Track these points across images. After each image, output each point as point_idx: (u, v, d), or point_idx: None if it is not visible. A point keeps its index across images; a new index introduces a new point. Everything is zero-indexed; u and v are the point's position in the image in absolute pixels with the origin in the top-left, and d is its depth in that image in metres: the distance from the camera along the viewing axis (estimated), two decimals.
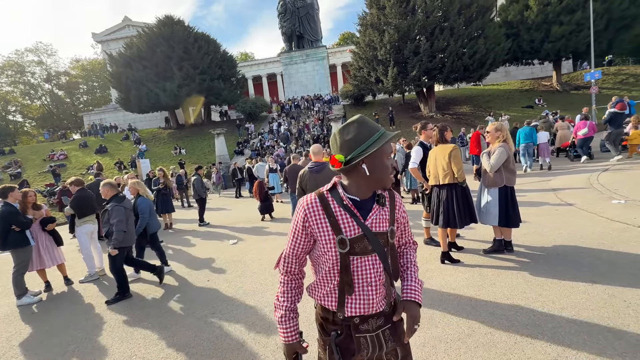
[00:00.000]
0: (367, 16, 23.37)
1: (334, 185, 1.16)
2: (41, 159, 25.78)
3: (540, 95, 25.08)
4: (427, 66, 20.94)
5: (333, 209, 1.09)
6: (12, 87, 49.84)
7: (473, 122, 20.07)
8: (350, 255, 1.08)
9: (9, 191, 4.43)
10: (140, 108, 28.58)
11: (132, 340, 2.99)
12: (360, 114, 1.13)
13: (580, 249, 3.69)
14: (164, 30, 27.45)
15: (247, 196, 13.82)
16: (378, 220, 1.11)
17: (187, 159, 23.40)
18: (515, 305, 2.71)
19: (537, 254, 3.72)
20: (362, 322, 1.12)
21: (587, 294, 2.74)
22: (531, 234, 4.38)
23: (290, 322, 1.17)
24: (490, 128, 3.87)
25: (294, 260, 1.18)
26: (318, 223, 1.09)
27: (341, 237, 1.07)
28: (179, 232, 7.97)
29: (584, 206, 5.33)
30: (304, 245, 1.15)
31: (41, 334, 3.38)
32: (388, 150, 1.13)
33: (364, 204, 1.12)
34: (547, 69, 29.60)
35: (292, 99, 33.52)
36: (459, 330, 2.48)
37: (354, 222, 1.08)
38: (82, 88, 55.45)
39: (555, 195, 6.38)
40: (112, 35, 39.84)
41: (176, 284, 4.35)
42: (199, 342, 2.82)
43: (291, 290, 1.20)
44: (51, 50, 52.86)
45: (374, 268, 1.10)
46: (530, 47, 24.04)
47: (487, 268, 3.52)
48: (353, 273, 1.09)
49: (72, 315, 3.78)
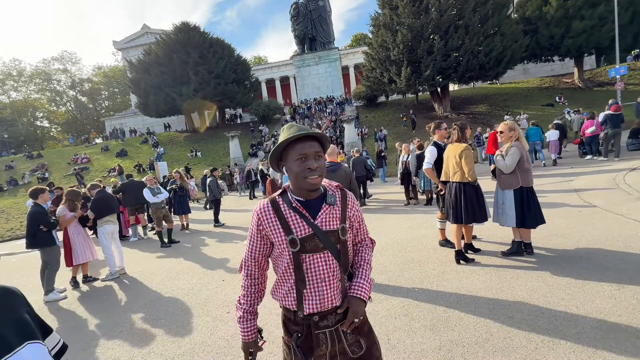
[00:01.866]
0: (379, 17, 23.26)
1: (284, 189, 1.22)
2: (66, 163, 26.96)
3: (561, 93, 24.20)
4: (442, 65, 20.61)
5: (284, 212, 1.15)
6: (39, 95, 52.47)
7: (490, 122, 19.57)
8: (302, 253, 1.13)
9: (40, 193, 4.68)
10: (158, 112, 29.45)
11: (150, 338, 3.07)
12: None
13: (605, 252, 3.52)
14: (181, 36, 28.25)
15: (261, 197, 13.97)
16: (327, 218, 1.16)
17: (203, 161, 23.92)
18: (535, 309, 2.62)
19: (558, 257, 3.58)
20: (322, 319, 1.16)
21: (613, 299, 2.61)
22: (552, 236, 4.21)
23: (248, 323, 1.25)
24: (503, 127, 3.74)
25: (252, 264, 1.24)
26: (270, 226, 1.16)
27: (292, 237, 1.12)
28: (195, 233, 8.14)
29: (610, 207, 5.09)
30: (260, 249, 1.21)
31: (65, 330, 3.53)
32: (300, 152, 1.10)
33: (313, 203, 1.17)
34: (568, 65, 28.47)
35: (304, 102, 33.69)
36: (476, 334, 2.41)
37: (303, 222, 1.13)
38: (103, 94, 57.77)
39: (578, 196, 6.13)
40: (131, 42, 41.32)
41: (192, 282, 4.44)
42: (215, 340, 2.87)
43: (251, 294, 1.26)
44: (75, 59, 55.35)
45: (326, 265, 1.15)
46: (549, 44, 23.25)
47: (506, 270, 3.42)
48: (306, 270, 1.14)
49: (95, 312, 3.92)
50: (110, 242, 5.30)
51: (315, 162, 1.11)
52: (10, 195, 20.71)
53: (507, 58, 20.94)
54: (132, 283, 4.87)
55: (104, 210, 5.29)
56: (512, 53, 21.06)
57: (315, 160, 1.11)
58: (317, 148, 1.13)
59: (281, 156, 1.18)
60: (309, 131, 1.13)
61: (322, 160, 1.15)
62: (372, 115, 27.50)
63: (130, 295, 4.33)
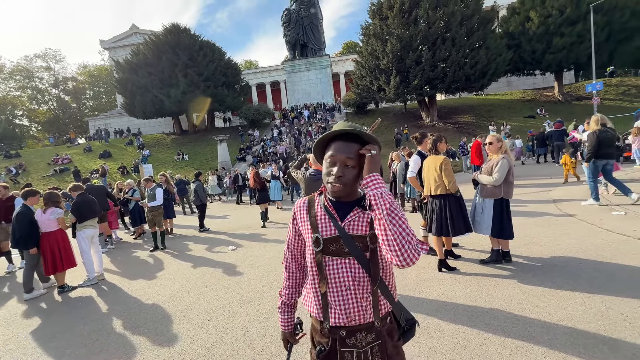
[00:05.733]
0: (369, 26, 23.73)
1: (322, 190, 1.20)
2: (46, 163, 26.04)
3: (542, 106, 25.18)
4: (429, 75, 21.14)
5: (316, 210, 1.15)
6: (19, 92, 50.70)
7: (475, 132, 20.12)
8: (325, 255, 1.10)
9: (30, 195, 4.94)
10: (145, 114, 28.95)
11: (127, 346, 2.99)
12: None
13: (579, 261, 3.67)
14: (170, 38, 27.99)
15: (248, 202, 13.86)
16: (355, 222, 1.09)
17: (190, 164, 23.56)
18: (511, 316, 2.70)
19: (535, 265, 3.71)
20: (350, 336, 1.09)
21: (584, 306, 2.73)
22: (530, 244, 4.36)
23: (285, 315, 1.29)
24: (492, 139, 3.81)
25: (289, 257, 1.27)
26: (302, 222, 1.19)
27: (316, 236, 1.11)
28: (179, 238, 7.99)
29: (584, 217, 5.31)
30: (295, 243, 1.24)
31: (39, 338, 3.39)
32: (331, 154, 1.06)
33: (345, 205, 1.12)
34: (549, 79, 29.75)
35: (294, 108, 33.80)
36: (454, 340, 2.47)
37: (330, 223, 1.11)
38: (88, 93, 56.36)
39: (555, 206, 6.37)
40: (119, 42, 40.62)
41: (173, 289, 4.36)
42: (194, 348, 2.82)
43: (289, 287, 1.29)
44: (59, 56, 53.74)
45: (351, 272, 1.07)
46: (531, 58, 24.26)
47: (485, 278, 3.51)
48: (327, 274, 1.10)
49: (70, 320, 3.78)
50: (89, 247, 5.15)
51: (341, 171, 1.03)
52: None
53: (492, 71, 21.69)
54: (111, 289, 4.73)
55: (86, 213, 5.14)
56: (497, 66, 21.83)
57: (342, 169, 1.04)
58: (351, 154, 1.04)
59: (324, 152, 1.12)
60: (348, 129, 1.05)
61: (353, 170, 1.05)
62: (361, 122, 27.80)
63: (109, 302, 4.21)
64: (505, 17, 26.19)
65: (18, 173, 23.07)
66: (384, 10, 22.38)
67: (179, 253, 6.41)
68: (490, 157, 3.89)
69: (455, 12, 20.39)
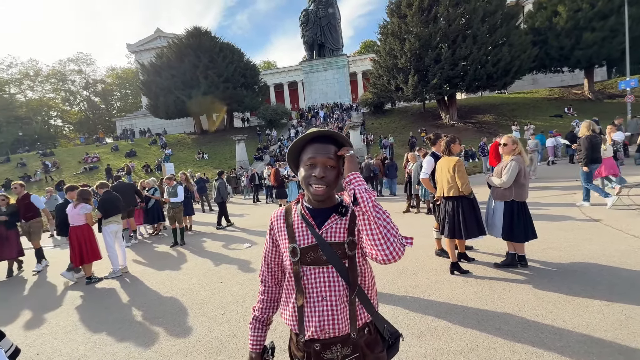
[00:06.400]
0: (387, 25, 23.47)
1: (299, 198, 1.19)
2: (76, 161, 27.58)
3: (570, 104, 23.99)
4: (449, 74, 20.66)
5: (293, 219, 1.11)
6: (54, 94, 53.92)
7: (496, 132, 19.45)
8: (302, 264, 1.06)
9: (70, 190, 5.73)
10: (167, 114, 30.03)
11: (147, 335, 3.17)
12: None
13: (600, 267, 3.53)
14: (192, 40, 28.88)
15: (264, 201, 14.11)
16: (333, 229, 1.05)
17: (210, 163, 24.22)
18: (523, 322, 2.65)
19: (552, 270, 3.59)
20: (324, 349, 1.04)
21: (601, 314, 2.63)
22: (549, 249, 4.22)
23: (255, 332, 1.19)
24: (508, 140, 3.74)
25: (266, 270, 1.21)
26: (279, 232, 1.14)
27: (293, 246, 1.07)
28: (198, 235, 8.28)
29: (610, 222, 5.07)
30: (272, 255, 1.18)
31: (67, 325, 3.65)
32: (310, 156, 1.03)
33: (323, 212, 1.08)
34: (579, 76, 28.25)
35: (311, 108, 33.96)
36: (462, 344, 2.45)
37: (308, 231, 1.07)
38: (116, 95, 59.09)
39: (580, 210, 6.10)
40: (144, 45, 42.30)
41: (191, 283, 4.55)
42: (208, 340, 2.95)
43: (264, 302, 1.21)
44: (90, 60, 56.83)
45: (328, 281, 1.04)
46: (559, 54, 23.15)
47: (498, 282, 3.44)
48: (305, 284, 1.05)
49: (96, 309, 4.04)
50: (114, 241, 5.46)
51: (323, 171, 1.01)
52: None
53: (515, 68, 20.90)
54: (133, 282, 5.00)
55: (111, 210, 5.46)
56: (521, 63, 21.01)
57: (324, 169, 1.02)
58: (330, 154, 1.03)
59: (299, 158, 1.10)
60: (323, 130, 1.04)
61: (333, 170, 1.04)
62: (379, 122, 27.59)
63: (131, 294, 4.46)
64: (531, 12, 25.13)
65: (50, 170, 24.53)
66: (402, 9, 22.07)
67: (197, 249, 6.66)
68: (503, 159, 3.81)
69: (477, 9, 19.79)
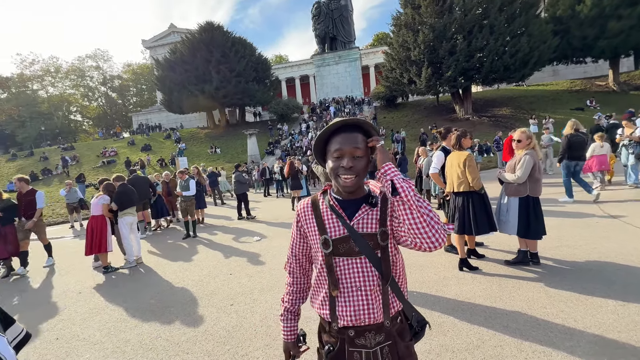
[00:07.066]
0: (401, 16, 22.98)
1: (326, 188, 1.18)
2: (95, 155, 28.48)
3: (593, 97, 22.97)
4: (464, 66, 20.12)
5: (322, 210, 1.11)
6: (74, 90, 55.65)
7: (513, 125, 18.86)
8: (335, 256, 1.07)
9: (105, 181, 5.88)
10: (181, 109, 30.53)
11: (159, 323, 3.29)
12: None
13: (616, 266, 3.40)
14: (204, 35, 29.11)
15: (274, 195, 14.24)
16: (365, 220, 1.06)
17: (222, 157, 24.56)
18: (532, 320, 2.60)
19: (565, 269, 3.49)
20: (358, 336, 1.06)
21: (616, 314, 2.55)
22: (563, 247, 4.10)
23: (288, 323, 1.22)
24: (521, 136, 3.61)
25: (294, 262, 1.21)
26: (308, 224, 1.13)
27: (325, 237, 1.07)
28: (209, 227, 8.45)
29: (630, 220, 4.86)
30: (300, 247, 1.19)
31: (84, 312, 3.82)
32: (337, 147, 1.04)
33: (352, 203, 1.09)
34: (603, 67, 26.92)
35: (322, 102, 33.78)
36: (467, 340, 2.43)
37: (339, 223, 1.07)
38: (132, 90, 60.48)
39: (598, 207, 5.88)
40: (159, 41, 42.96)
41: (201, 274, 4.67)
42: (217, 330, 3.03)
43: (293, 293, 1.22)
44: (107, 56, 58.27)
45: (362, 271, 1.05)
46: (582, 44, 22.12)
47: (508, 279, 3.38)
48: (338, 275, 1.07)
49: (112, 297, 4.21)
50: (129, 232, 5.64)
51: (351, 162, 1.01)
52: (44, 185, 22.17)
53: (534, 59, 20.14)
54: (147, 272, 5.16)
55: (126, 202, 5.63)
56: (540, 54, 20.23)
57: (352, 159, 1.02)
58: (357, 144, 1.03)
59: (325, 149, 1.11)
60: (348, 119, 1.05)
61: (361, 160, 1.04)
62: (391, 116, 27.22)
63: (145, 284, 4.61)
64: (552, 0, 24.05)
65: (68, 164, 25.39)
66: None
67: (208, 242, 6.81)
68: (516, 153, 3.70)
69: None
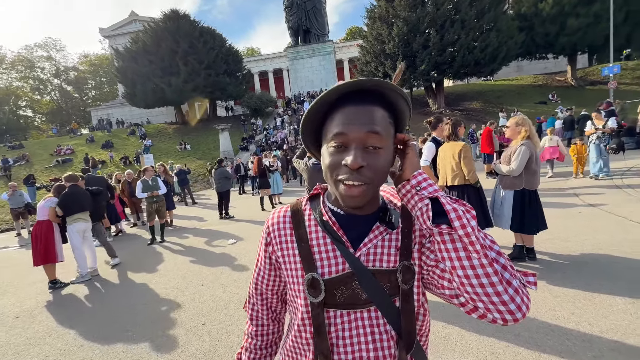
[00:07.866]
0: (375, 9, 22.82)
1: (317, 191, 0.74)
2: (48, 154, 25.95)
3: (554, 91, 24.26)
4: (437, 60, 20.35)
5: (308, 230, 0.67)
6: (22, 82, 50.49)
7: (484, 119, 19.44)
8: (329, 308, 0.64)
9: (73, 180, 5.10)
10: (146, 103, 28.53)
11: (112, 354, 2.72)
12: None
13: (613, 259, 3.29)
14: (170, 24, 27.29)
15: (250, 192, 13.58)
16: (379, 249, 0.64)
17: (192, 154, 23.28)
18: (544, 326, 2.36)
19: (563, 263, 3.34)
20: None
21: (629, 314, 2.36)
22: (556, 239, 3.98)
23: None
24: (510, 122, 3.49)
25: (258, 301, 0.78)
26: (283, 250, 0.69)
27: (312, 276, 0.63)
28: (179, 230, 7.74)
29: (611, 209, 4.90)
30: (268, 281, 0.75)
31: (19, 343, 3.14)
32: (338, 129, 0.59)
33: (357, 221, 0.66)
34: (562, 63, 28.57)
35: (297, 96, 33.12)
36: (480, 356, 2.13)
37: (336, 252, 0.64)
38: (90, 83, 55.91)
39: (577, 197, 5.94)
40: (119, 30, 39.90)
41: (169, 287, 4.08)
42: (186, 357, 2.54)
43: (254, 348, 0.79)
44: (60, 46, 53.32)
45: (371, 332, 0.63)
46: (544, 41, 23.17)
47: None
48: (332, 339, 0.64)
49: (58, 320, 3.53)
50: (81, 242, 4.88)
51: (362, 156, 0.57)
52: None
53: (503, 54, 20.79)
54: (104, 286, 4.48)
55: (73, 206, 4.84)
56: (508, 49, 20.91)
57: (363, 152, 0.58)
58: (375, 125, 0.58)
59: (321, 130, 0.65)
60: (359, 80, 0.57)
61: (379, 155, 0.59)
62: None
63: (99, 302, 3.95)
64: None
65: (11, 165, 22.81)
66: None
67: (177, 247, 6.15)
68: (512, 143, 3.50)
69: None
